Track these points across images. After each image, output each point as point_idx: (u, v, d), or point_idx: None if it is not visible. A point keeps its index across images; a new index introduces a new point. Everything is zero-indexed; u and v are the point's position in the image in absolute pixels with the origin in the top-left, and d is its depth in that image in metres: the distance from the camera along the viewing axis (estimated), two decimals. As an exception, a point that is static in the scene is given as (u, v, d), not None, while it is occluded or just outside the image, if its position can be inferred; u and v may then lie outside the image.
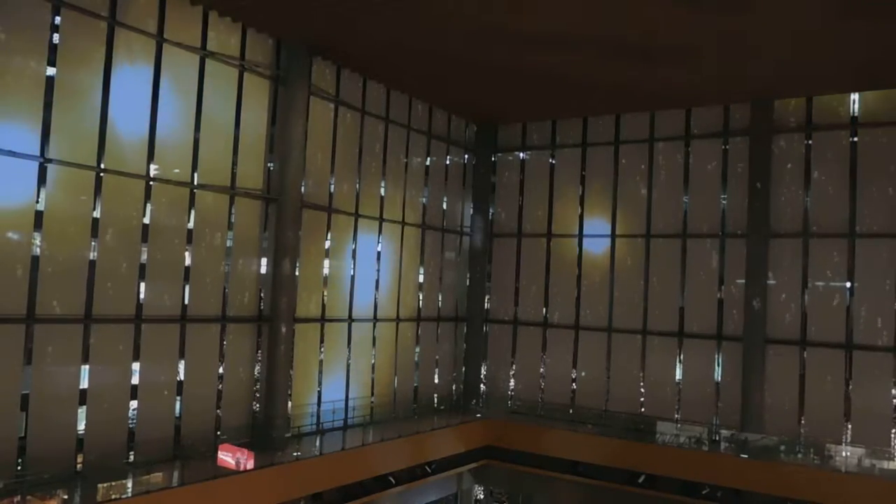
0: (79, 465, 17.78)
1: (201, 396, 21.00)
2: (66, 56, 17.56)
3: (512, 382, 31.47)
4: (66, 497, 16.34)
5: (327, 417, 24.89)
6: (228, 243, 21.84)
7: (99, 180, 18.25)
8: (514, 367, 31.55)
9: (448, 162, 31.59)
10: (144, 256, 19.40)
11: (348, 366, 26.12)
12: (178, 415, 20.27)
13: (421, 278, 30.13)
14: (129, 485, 17.00)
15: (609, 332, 29.29)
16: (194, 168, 20.72)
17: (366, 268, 27.18)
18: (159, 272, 19.86)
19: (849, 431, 24.32)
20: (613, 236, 29.55)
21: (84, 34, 17.88)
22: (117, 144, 18.66)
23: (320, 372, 24.94)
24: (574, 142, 30.68)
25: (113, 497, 15.95)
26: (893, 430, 23.66)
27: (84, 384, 18.00)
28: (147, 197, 19.44)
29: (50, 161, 17.17)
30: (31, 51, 16.87)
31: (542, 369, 30.68)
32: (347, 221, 26.21)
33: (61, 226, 17.56)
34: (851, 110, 25.27)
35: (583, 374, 29.69)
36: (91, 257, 18.17)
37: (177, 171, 20.28)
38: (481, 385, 32.10)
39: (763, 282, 25.63)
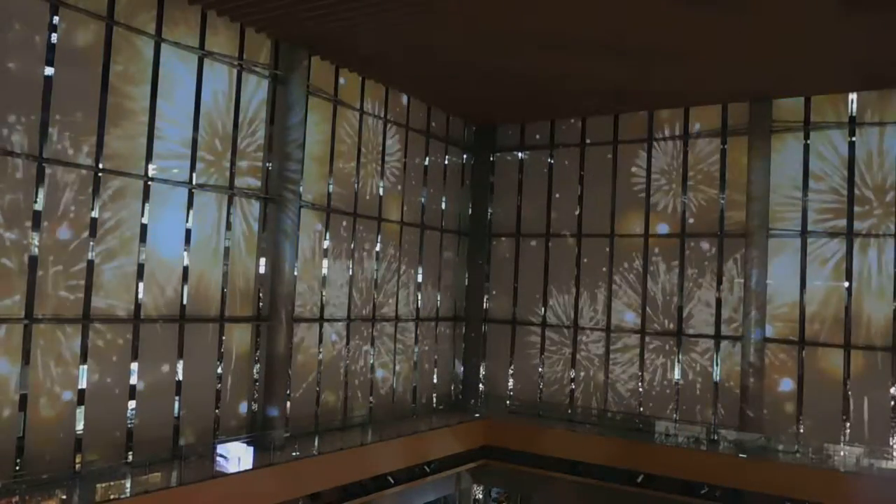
0: (77, 465, 17.76)
1: (200, 396, 21.00)
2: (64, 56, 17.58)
3: (511, 382, 31.49)
4: (64, 497, 16.31)
5: (326, 417, 24.90)
6: (227, 243, 21.83)
7: (98, 180, 18.27)
8: (512, 366, 31.56)
9: (447, 162, 31.58)
10: (143, 256, 19.39)
11: (347, 365, 26.11)
12: (176, 415, 20.26)
13: (420, 278, 30.14)
14: (128, 485, 16.97)
15: (608, 331, 29.31)
16: (193, 168, 20.72)
17: (365, 268, 27.16)
18: (157, 272, 19.83)
19: (847, 431, 24.40)
20: (612, 236, 29.55)
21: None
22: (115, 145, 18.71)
23: (319, 372, 24.93)
24: (573, 141, 30.70)
25: (111, 497, 15.95)
26: (892, 430, 23.72)
27: (82, 384, 17.98)
28: (146, 197, 19.44)
29: (48, 161, 17.16)
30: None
31: (540, 369, 30.70)
32: (346, 221, 26.20)
33: (59, 226, 17.55)
34: (850, 110, 25.31)
35: (581, 373, 29.71)
36: (89, 257, 18.16)
37: (175, 171, 20.29)
38: (480, 385, 32.11)
39: (762, 281, 25.65)
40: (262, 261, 22.97)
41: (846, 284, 25.00)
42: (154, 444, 19.37)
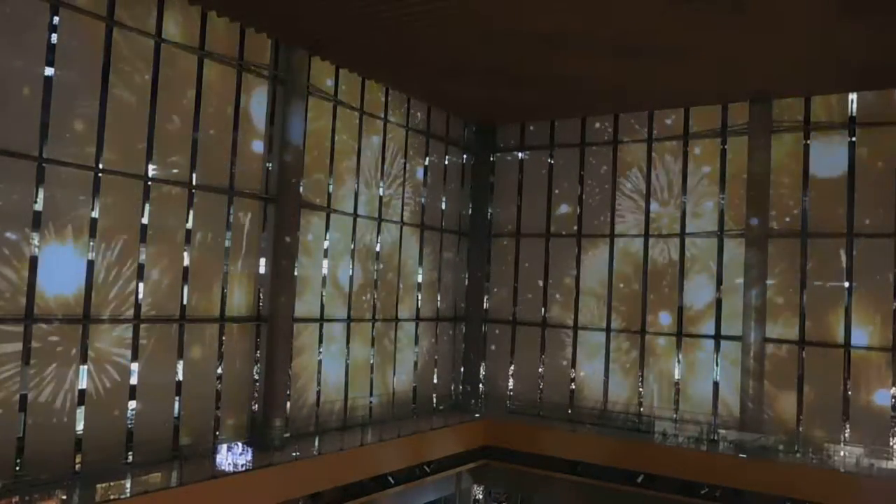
0: (77, 466, 17.75)
1: (200, 397, 20.99)
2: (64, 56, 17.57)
3: (511, 382, 31.47)
4: (64, 497, 16.32)
5: (326, 417, 24.89)
6: (227, 243, 21.83)
7: (97, 180, 18.27)
8: (512, 366, 31.55)
9: (447, 162, 31.58)
10: (143, 257, 19.39)
11: (347, 366, 26.11)
12: (176, 415, 20.26)
13: (420, 278, 30.13)
14: (128, 485, 16.98)
15: (608, 331, 29.30)
16: (193, 168, 20.71)
17: (365, 268, 27.15)
18: (158, 272, 19.82)
19: (847, 431, 24.38)
20: (612, 236, 29.54)
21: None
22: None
23: (319, 372, 24.93)
24: (573, 141, 30.68)
25: (112, 497, 15.95)
26: (892, 430, 23.71)
27: (83, 384, 17.97)
28: (146, 197, 19.43)
29: (48, 161, 17.15)
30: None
31: (541, 369, 30.68)
32: (346, 221, 26.19)
33: (59, 226, 17.55)
34: (850, 110, 25.30)
35: (581, 373, 29.70)
36: (90, 257, 18.16)
37: (175, 171, 20.28)
38: (480, 385, 32.09)
39: (762, 281, 25.63)
40: (262, 261, 22.97)
41: (846, 284, 24.99)
42: (154, 444, 19.35)
